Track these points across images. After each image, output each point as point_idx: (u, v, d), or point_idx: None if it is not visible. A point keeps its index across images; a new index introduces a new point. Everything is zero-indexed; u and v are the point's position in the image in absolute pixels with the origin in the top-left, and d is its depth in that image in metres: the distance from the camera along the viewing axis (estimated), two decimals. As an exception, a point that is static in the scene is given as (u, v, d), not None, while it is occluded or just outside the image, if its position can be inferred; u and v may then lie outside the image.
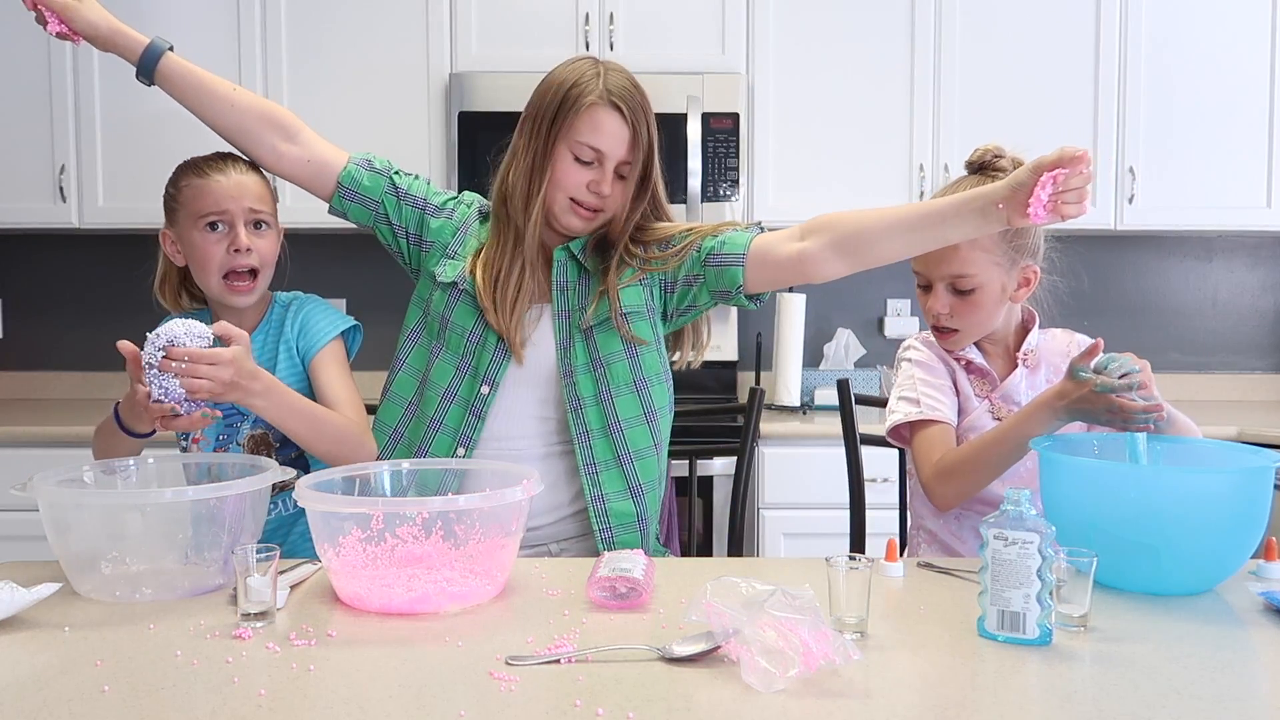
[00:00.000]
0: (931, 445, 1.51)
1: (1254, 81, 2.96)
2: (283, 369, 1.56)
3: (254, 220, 1.55)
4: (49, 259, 3.30)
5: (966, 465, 1.46)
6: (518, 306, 1.52)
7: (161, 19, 2.89)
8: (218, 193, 1.53)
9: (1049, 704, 0.92)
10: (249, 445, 1.59)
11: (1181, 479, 1.26)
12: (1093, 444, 1.39)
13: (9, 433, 2.62)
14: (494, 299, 1.52)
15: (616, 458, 1.52)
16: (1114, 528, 1.19)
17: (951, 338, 1.58)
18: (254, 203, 1.54)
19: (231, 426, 1.59)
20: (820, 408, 2.98)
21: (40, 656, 1.01)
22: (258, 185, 1.57)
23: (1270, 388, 3.36)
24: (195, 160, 1.60)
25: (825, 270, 1.50)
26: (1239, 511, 1.20)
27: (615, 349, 1.53)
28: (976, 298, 1.53)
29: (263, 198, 1.56)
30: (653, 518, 1.58)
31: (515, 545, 1.24)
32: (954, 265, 1.52)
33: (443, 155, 2.93)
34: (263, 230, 1.56)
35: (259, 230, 1.55)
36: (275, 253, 1.58)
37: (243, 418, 1.58)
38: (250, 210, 1.54)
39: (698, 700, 0.91)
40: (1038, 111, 2.95)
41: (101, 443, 1.52)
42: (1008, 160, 1.53)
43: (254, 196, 1.55)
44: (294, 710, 0.88)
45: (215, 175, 1.55)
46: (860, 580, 1.06)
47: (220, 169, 1.56)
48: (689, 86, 2.84)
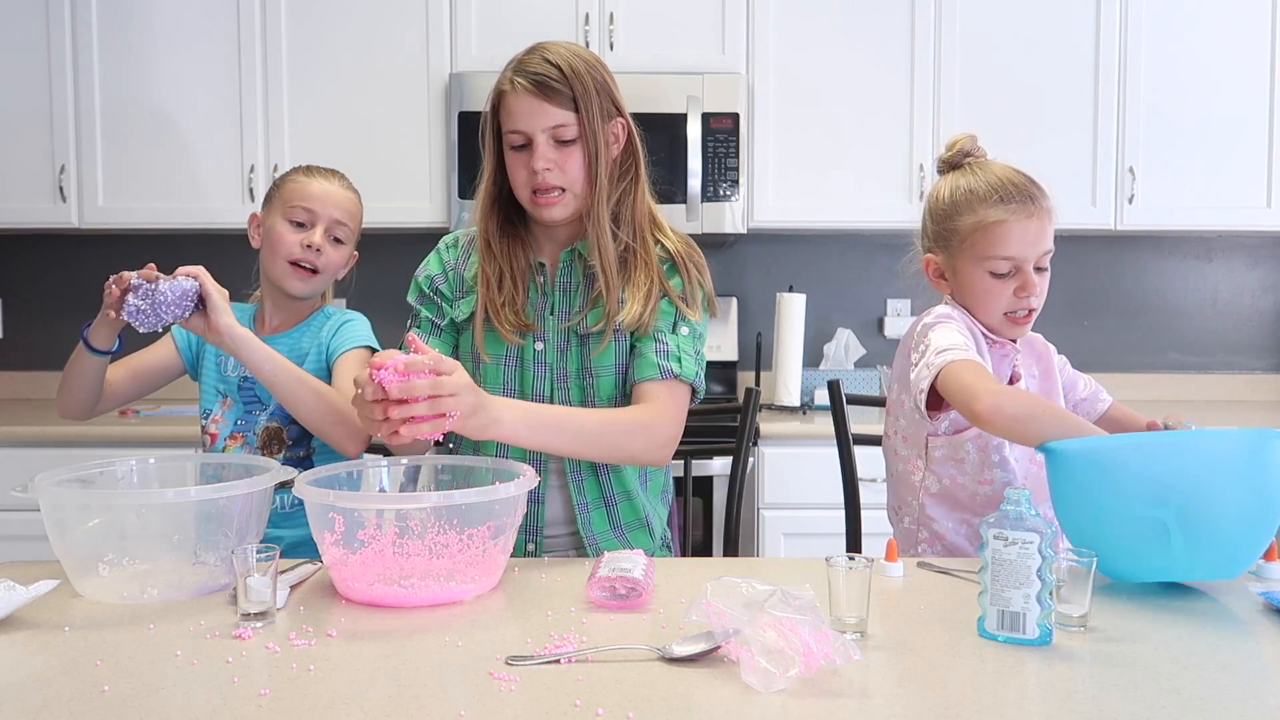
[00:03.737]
0: (986, 372, 1.39)
1: (1254, 81, 2.97)
2: (310, 366, 1.66)
3: (333, 231, 1.68)
4: (49, 259, 3.30)
5: (1050, 409, 1.35)
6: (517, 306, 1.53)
7: (162, 19, 2.90)
8: (313, 194, 1.68)
9: (1049, 704, 0.92)
10: (262, 437, 1.66)
11: (1188, 441, 1.20)
12: None
13: (9, 433, 2.62)
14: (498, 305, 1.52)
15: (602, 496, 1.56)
16: (1125, 508, 1.17)
17: (1030, 320, 1.55)
18: (340, 215, 1.69)
19: (250, 415, 1.67)
20: (820, 408, 2.98)
21: (40, 656, 1.01)
22: (349, 202, 1.72)
23: (1270, 388, 3.37)
24: (309, 165, 1.75)
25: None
26: (1255, 480, 1.15)
27: (608, 362, 1.53)
28: (1048, 273, 1.54)
29: (350, 214, 1.71)
30: (654, 525, 1.59)
31: (511, 540, 1.24)
32: (1048, 240, 1.52)
33: (443, 155, 2.93)
34: (336, 244, 1.69)
35: (334, 243, 1.69)
36: (340, 266, 1.72)
37: (262, 408, 1.66)
38: (334, 220, 1.68)
39: (698, 700, 0.91)
40: (1038, 112, 2.95)
41: (66, 375, 1.61)
42: (981, 155, 1.55)
43: (343, 211, 1.70)
44: (294, 710, 0.88)
45: (319, 180, 1.70)
46: (860, 580, 1.06)
47: (325, 177, 1.71)
48: (689, 86, 2.84)
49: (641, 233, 1.55)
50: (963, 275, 1.55)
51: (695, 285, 1.56)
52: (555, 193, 1.49)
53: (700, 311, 1.56)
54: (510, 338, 1.52)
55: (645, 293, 1.51)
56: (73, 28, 2.91)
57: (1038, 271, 1.52)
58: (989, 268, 1.51)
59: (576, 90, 1.46)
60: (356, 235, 1.74)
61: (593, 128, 1.48)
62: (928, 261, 1.61)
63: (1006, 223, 1.49)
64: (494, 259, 1.54)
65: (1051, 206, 1.53)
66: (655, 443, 1.47)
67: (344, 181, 1.73)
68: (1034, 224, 1.50)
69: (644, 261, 1.53)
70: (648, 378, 1.49)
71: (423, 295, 1.60)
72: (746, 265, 3.31)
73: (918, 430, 1.58)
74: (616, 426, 1.44)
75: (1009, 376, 1.57)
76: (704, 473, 2.55)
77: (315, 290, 1.71)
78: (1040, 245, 1.51)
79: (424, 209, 2.96)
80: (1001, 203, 1.50)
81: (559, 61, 1.47)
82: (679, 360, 1.50)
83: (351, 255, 1.74)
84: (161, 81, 2.90)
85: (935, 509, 1.57)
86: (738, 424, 1.82)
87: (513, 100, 1.47)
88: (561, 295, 1.56)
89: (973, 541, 1.55)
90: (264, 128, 2.93)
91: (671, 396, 1.49)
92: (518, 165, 1.50)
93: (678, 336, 1.52)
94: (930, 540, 1.58)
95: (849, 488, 1.90)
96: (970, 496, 1.55)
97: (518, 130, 1.48)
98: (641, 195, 1.56)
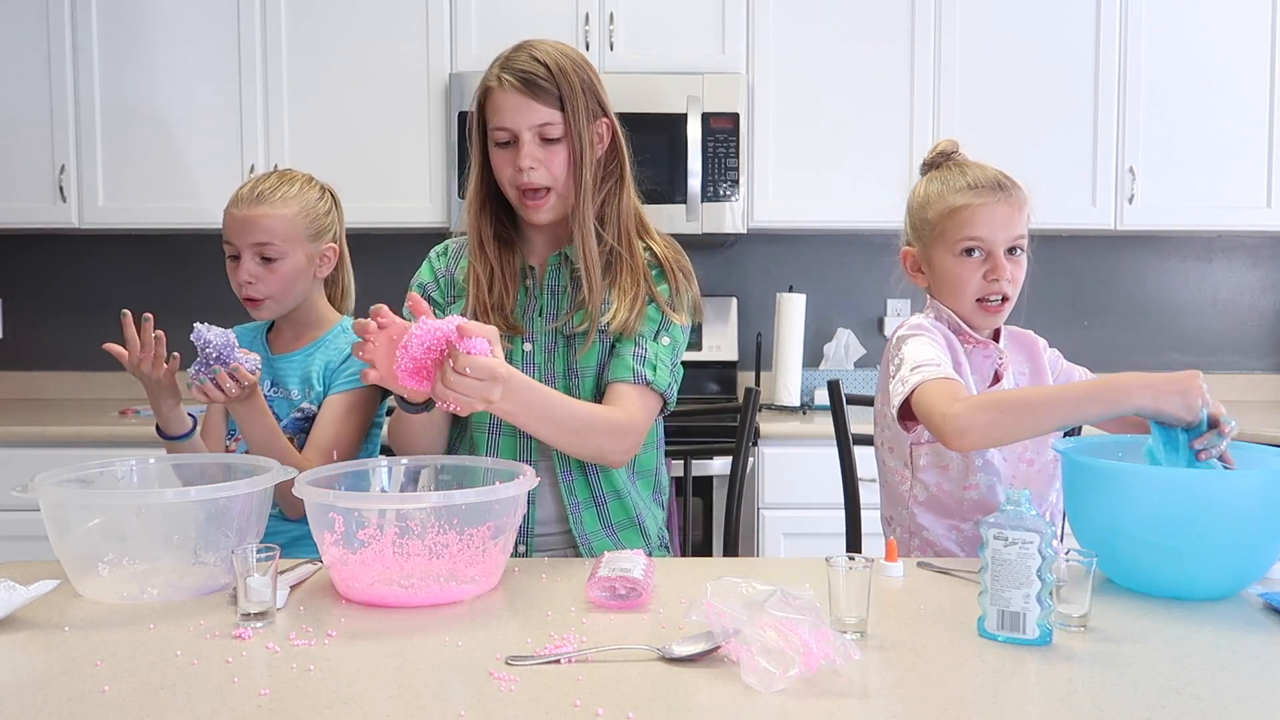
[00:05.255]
0: (955, 389, 1.40)
1: (1254, 81, 2.97)
2: (315, 385, 1.67)
3: (260, 253, 1.64)
4: (49, 259, 3.30)
5: (1017, 403, 1.36)
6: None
7: (162, 19, 2.89)
8: (229, 227, 1.65)
9: (1049, 704, 0.92)
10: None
11: (1209, 481, 1.22)
12: (1115, 448, 1.37)
13: (9, 433, 2.62)
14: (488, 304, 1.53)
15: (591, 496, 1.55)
16: (1140, 532, 1.18)
17: (1003, 309, 1.55)
18: (259, 237, 1.63)
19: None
20: (820, 408, 2.98)
21: (40, 656, 1.01)
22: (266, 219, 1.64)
23: (1270, 388, 3.37)
24: (243, 186, 1.69)
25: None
26: (1267, 514, 1.17)
27: (591, 363, 1.53)
28: (1022, 264, 1.54)
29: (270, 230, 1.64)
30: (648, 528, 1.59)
31: (511, 540, 1.25)
32: (1018, 226, 1.52)
33: (442, 155, 2.93)
34: (269, 263, 1.65)
35: (266, 263, 1.65)
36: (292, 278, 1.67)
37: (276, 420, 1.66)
38: (255, 245, 1.64)
39: (698, 700, 0.91)
40: (1038, 112, 2.95)
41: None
42: (961, 157, 1.57)
43: (261, 230, 1.63)
44: (294, 710, 0.88)
45: (234, 208, 1.66)
46: (860, 580, 1.06)
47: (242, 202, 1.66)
48: (689, 86, 2.84)
49: (627, 235, 1.55)
50: (936, 263, 1.57)
51: (683, 293, 1.56)
52: (542, 194, 1.50)
53: (686, 315, 1.56)
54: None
55: (632, 297, 1.51)
56: (73, 28, 2.91)
57: (1011, 259, 1.53)
58: (958, 249, 1.53)
59: (563, 88, 1.47)
60: (308, 235, 1.67)
61: (578, 127, 1.48)
62: (905, 254, 1.63)
63: (973, 205, 1.52)
64: (485, 259, 1.55)
65: (1024, 199, 1.54)
66: (623, 447, 1.49)
67: (274, 190, 1.66)
68: (1002, 208, 1.52)
69: (630, 265, 1.53)
70: (621, 379, 1.49)
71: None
72: (746, 265, 3.31)
73: (901, 440, 1.58)
74: (597, 426, 1.45)
75: (991, 377, 1.58)
76: (704, 473, 2.54)
77: (280, 310, 1.69)
78: (1009, 230, 1.52)
79: (424, 209, 2.95)
80: (970, 189, 1.53)
81: (546, 59, 1.47)
82: (654, 368, 1.50)
83: (316, 255, 1.69)
84: (161, 82, 2.90)
85: (924, 516, 1.58)
86: (738, 424, 1.82)
87: (499, 97, 1.48)
88: (550, 298, 1.56)
89: (963, 547, 1.55)
90: (264, 128, 2.93)
91: (643, 402, 1.50)
92: (503, 162, 1.50)
93: (658, 345, 1.52)
94: (922, 548, 1.58)
95: (849, 488, 1.90)
96: (958, 502, 1.55)
97: (504, 127, 1.48)
98: (627, 197, 1.56)
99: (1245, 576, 1.21)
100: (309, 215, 1.68)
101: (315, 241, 1.69)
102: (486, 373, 1.22)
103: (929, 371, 1.43)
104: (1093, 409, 1.31)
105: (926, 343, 1.49)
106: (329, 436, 1.61)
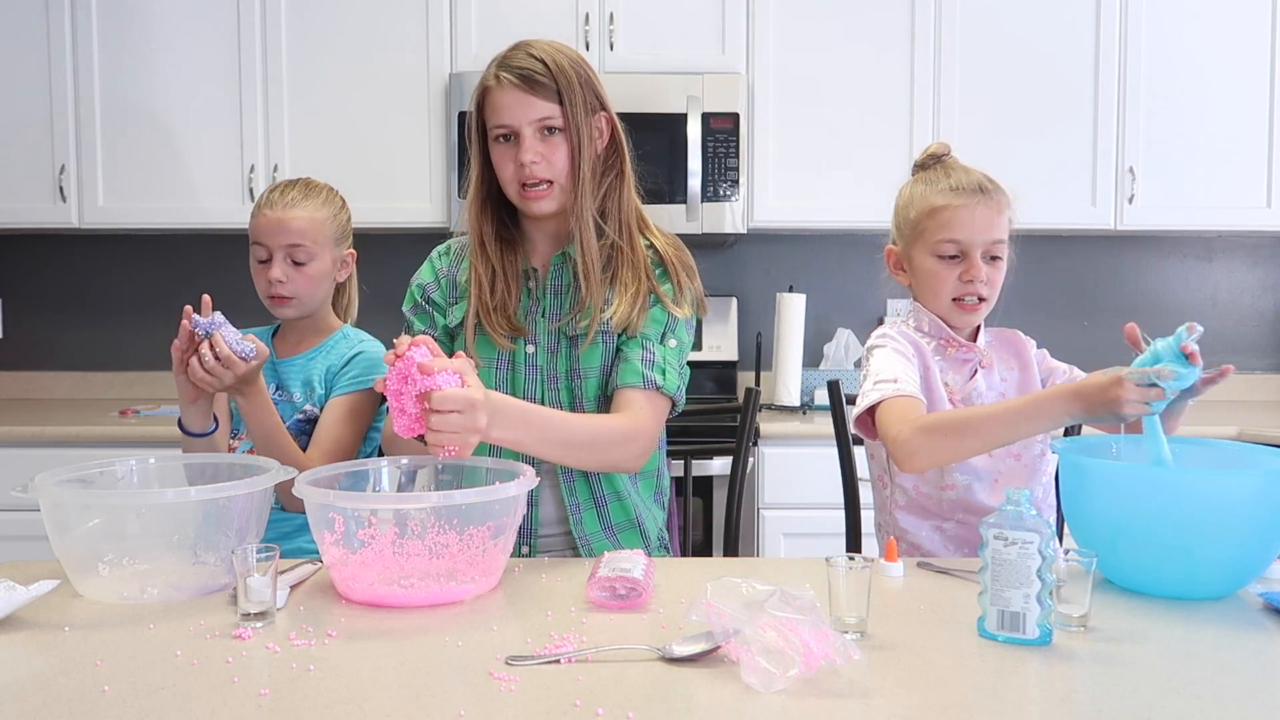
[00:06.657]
0: (908, 409, 1.44)
1: (1254, 81, 2.97)
2: (316, 388, 1.71)
3: (291, 255, 1.69)
4: (49, 259, 3.30)
5: (959, 425, 1.38)
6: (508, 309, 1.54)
7: (161, 19, 2.89)
8: (261, 228, 1.70)
9: (1049, 704, 0.92)
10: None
11: (1209, 482, 1.23)
12: (1111, 446, 1.37)
13: (9, 433, 2.62)
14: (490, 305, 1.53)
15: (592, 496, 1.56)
16: (1140, 532, 1.18)
17: (979, 309, 1.56)
18: (292, 238, 1.69)
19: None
20: (820, 408, 2.97)
21: (40, 656, 1.01)
22: (300, 220, 1.70)
23: (1270, 388, 3.36)
24: (273, 188, 1.75)
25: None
26: (1267, 513, 1.17)
27: (594, 363, 1.53)
28: (1001, 266, 1.55)
29: (304, 232, 1.70)
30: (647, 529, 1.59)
31: (511, 540, 1.25)
32: (997, 230, 1.53)
33: (443, 155, 2.93)
34: (300, 266, 1.70)
35: (296, 266, 1.70)
36: (318, 280, 1.72)
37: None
38: (287, 246, 1.69)
39: (698, 700, 0.91)
40: (1038, 112, 2.95)
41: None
42: (951, 160, 1.60)
43: (295, 233, 1.69)
44: (294, 710, 0.88)
45: (266, 210, 1.70)
46: (860, 580, 1.06)
47: (274, 204, 1.70)
48: (689, 86, 2.84)
49: (628, 230, 1.55)
50: (915, 263, 1.59)
51: (685, 288, 1.56)
52: (543, 185, 1.50)
53: (689, 308, 1.56)
54: (503, 343, 1.53)
55: (633, 293, 1.51)
56: (73, 28, 2.91)
57: (991, 263, 1.54)
58: (935, 250, 1.55)
59: (561, 83, 1.47)
60: (334, 239, 1.74)
61: (576, 120, 1.48)
62: (889, 253, 1.65)
63: (953, 206, 1.53)
64: (487, 259, 1.55)
65: (1006, 203, 1.55)
66: (633, 453, 1.48)
67: (303, 195, 1.72)
68: (982, 211, 1.52)
69: (630, 260, 1.53)
70: (630, 384, 1.49)
71: (416, 305, 1.61)
72: (746, 265, 3.31)
73: (879, 446, 1.59)
74: (602, 438, 1.45)
75: (968, 379, 1.59)
76: (704, 473, 2.54)
77: (304, 311, 1.73)
78: (989, 233, 1.53)
79: (424, 209, 2.95)
80: (951, 191, 1.54)
81: (543, 56, 1.48)
82: (663, 372, 1.50)
83: (339, 259, 1.75)
84: (161, 82, 2.90)
85: (907, 520, 1.59)
86: (738, 424, 1.82)
87: (498, 95, 1.48)
88: (553, 298, 1.56)
89: (948, 546, 1.56)
90: (264, 128, 2.92)
91: (652, 407, 1.50)
92: (504, 159, 1.50)
93: (665, 348, 1.53)
94: (909, 552, 1.59)
95: (849, 488, 1.90)
96: (937, 503, 1.56)
97: (504, 124, 1.48)
98: (628, 191, 1.56)
99: (1244, 575, 1.21)
100: (336, 220, 1.75)
101: (339, 246, 1.75)
102: (463, 403, 1.21)
103: (886, 389, 1.47)
104: (1030, 425, 1.36)
105: (890, 355, 1.53)
106: (331, 438, 1.66)
